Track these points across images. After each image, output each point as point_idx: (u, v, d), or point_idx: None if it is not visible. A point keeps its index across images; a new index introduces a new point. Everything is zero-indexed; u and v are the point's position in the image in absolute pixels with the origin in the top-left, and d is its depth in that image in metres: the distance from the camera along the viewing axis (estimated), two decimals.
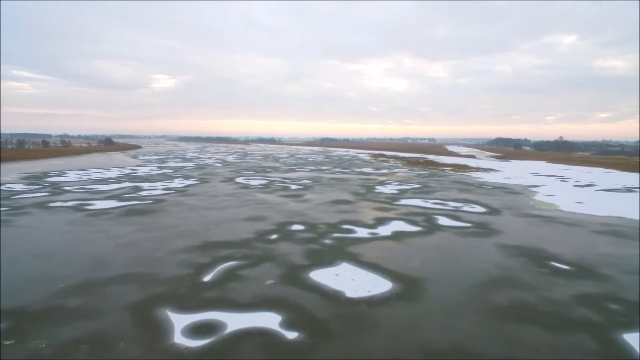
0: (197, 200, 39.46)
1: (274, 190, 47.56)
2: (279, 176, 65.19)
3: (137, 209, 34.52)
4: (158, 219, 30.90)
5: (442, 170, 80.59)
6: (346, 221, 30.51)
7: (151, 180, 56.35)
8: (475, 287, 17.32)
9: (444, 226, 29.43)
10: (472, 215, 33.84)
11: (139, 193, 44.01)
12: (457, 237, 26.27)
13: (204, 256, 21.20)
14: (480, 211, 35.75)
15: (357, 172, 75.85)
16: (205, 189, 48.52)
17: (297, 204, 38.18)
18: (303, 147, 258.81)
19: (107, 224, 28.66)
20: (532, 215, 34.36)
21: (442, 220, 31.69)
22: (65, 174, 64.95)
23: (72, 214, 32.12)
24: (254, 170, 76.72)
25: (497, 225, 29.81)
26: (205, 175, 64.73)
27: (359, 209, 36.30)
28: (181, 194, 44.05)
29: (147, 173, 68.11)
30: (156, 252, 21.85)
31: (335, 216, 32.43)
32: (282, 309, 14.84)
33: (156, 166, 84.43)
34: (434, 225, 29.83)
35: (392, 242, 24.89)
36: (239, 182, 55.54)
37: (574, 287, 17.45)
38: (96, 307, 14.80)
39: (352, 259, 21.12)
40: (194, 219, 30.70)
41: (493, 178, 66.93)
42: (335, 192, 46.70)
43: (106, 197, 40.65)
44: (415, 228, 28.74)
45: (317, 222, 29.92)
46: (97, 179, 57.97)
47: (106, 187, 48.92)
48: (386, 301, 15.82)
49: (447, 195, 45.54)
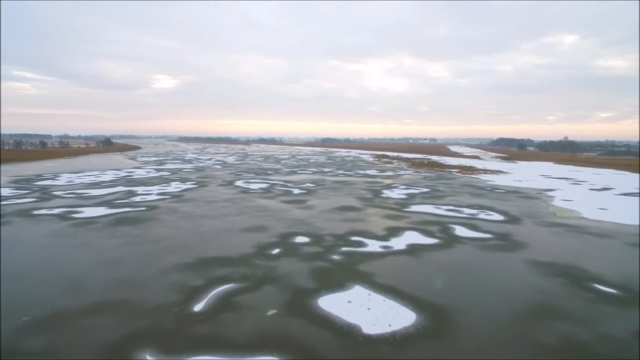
0: (193, 207, 36.85)
1: (275, 195, 44.94)
2: (281, 179, 62.58)
3: (128, 218, 31.91)
4: (149, 229, 28.28)
5: (449, 173, 77.88)
6: (355, 231, 27.87)
7: (147, 184, 53.75)
8: (514, 320, 14.65)
9: (463, 238, 26.77)
10: (490, 224, 31.18)
11: (132, 199, 41.41)
12: (479, 252, 23.60)
13: (196, 277, 18.59)
14: (498, 219, 33.08)
15: (362, 174, 73.20)
16: (203, 193, 45.91)
17: (300, 211, 35.56)
18: (304, 148, 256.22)
19: (92, 236, 26.05)
20: (556, 224, 31.66)
21: (459, 230, 29.04)
22: (58, 176, 62.39)
23: (56, 224, 29.53)
24: (254, 172, 74.11)
25: (520, 237, 27.15)
26: (203, 179, 62.14)
27: (367, 216, 33.65)
28: (177, 199, 41.44)
29: (144, 176, 65.52)
30: (143, 272, 19.23)
31: (342, 225, 29.79)
32: (286, 352, 12.22)
33: (154, 168, 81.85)
34: (451, 236, 27.18)
35: (408, 257, 22.25)
36: (239, 186, 52.92)
37: (631, 320, 14.77)
38: (59, 351, 12.16)
39: (366, 280, 18.48)
40: (189, 230, 28.09)
41: (503, 181, 64.22)
42: (340, 197, 44.06)
43: (96, 204, 38.05)
44: (432, 240, 26.10)
45: (323, 233, 27.29)
46: (91, 182, 55.39)
47: (98, 191, 46.34)
48: (411, 339, 13.18)
49: (459, 200, 42.88)
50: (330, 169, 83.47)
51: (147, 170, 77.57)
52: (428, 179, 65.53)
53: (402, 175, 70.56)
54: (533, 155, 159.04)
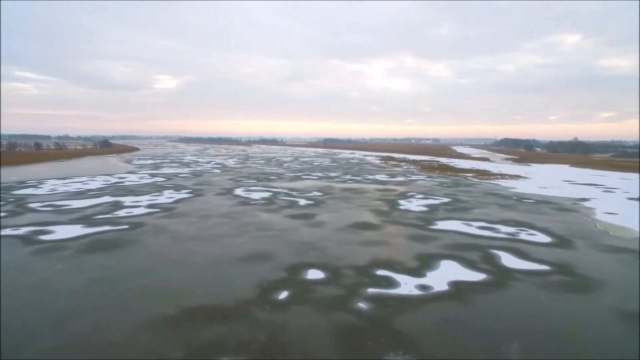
0: (185, 225, 31.66)
1: (279, 208, 39.74)
2: (284, 186, 57.36)
3: (105, 241, 26.76)
4: (126, 258, 23.10)
5: (464, 178, 72.53)
6: (379, 261, 22.65)
7: (137, 193, 48.60)
8: None
9: (515, 271, 21.51)
10: (539, 248, 25.93)
11: (116, 213, 36.25)
12: (546, 295, 18.34)
13: (173, 346, 13.40)
14: (545, 241, 27.83)
15: (371, 179, 67.91)
16: (198, 205, 40.74)
17: (309, 230, 30.38)
18: (306, 149, 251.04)
19: (52, 270, 20.88)
20: (617, 248, 26.38)
21: (505, 258, 23.80)
22: (41, 184, 57.30)
23: (14, 250, 24.40)
24: (255, 178, 68.89)
25: (585, 269, 21.88)
26: (200, 186, 56.97)
27: (389, 237, 28.44)
28: (167, 213, 36.28)
29: (135, 183, 60.35)
30: (99, 335, 14.04)
31: (362, 252, 24.59)
32: None
33: (148, 173, 76.71)
34: (499, 268, 21.94)
35: (457, 305, 17.02)
36: (238, 195, 47.72)
37: None
38: None
39: (408, 347, 13.28)
40: (175, 260, 22.89)
41: (526, 187, 58.85)
42: (353, 210, 38.85)
43: (73, 220, 32.92)
44: (477, 274, 20.87)
45: (341, 264, 22.08)
46: (75, 191, 50.27)
47: (81, 203, 41.22)
48: None
49: (488, 214, 37.61)
50: (337, 174, 78.20)
51: (141, 175, 72.44)
52: (444, 185, 60.21)
53: (415, 182, 65.25)
54: (544, 157, 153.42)
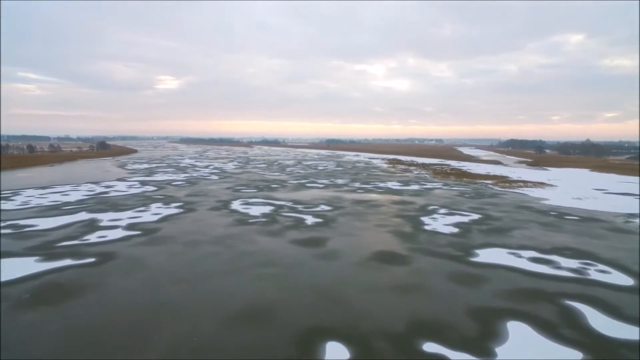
0: (165, 257, 25.46)
1: (282, 229, 33.52)
2: (288, 197, 51.11)
3: (58, 285, 20.59)
4: (76, 318, 16.86)
5: (485, 186, 66.10)
6: (422, 324, 16.41)
7: (119, 208, 42.45)
8: None
9: (614, 342, 15.21)
10: (624, 296, 19.66)
11: (86, 238, 30.08)
12: None
13: None
14: (627, 284, 21.54)
15: (383, 188, 61.57)
16: (187, 225, 34.55)
17: (321, 265, 24.17)
18: (309, 150, 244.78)
19: None
20: None
21: (590, 315, 17.53)
22: (16, 194, 51.20)
23: None
24: (255, 187, 62.63)
25: None
26: (193, 197, 50.78)
27: (425, 278, 22.17)
28: (147, 238, 30.11)
29: (122, 193, 54.16)
30: None
31: (394, 305, 18.35)
32: None
33: (139, 180, 70.58)
34: (591, 336, 15.65)
35: None
36: (235, 211, 41.52)
37: None
38: None
39: None
40: (140, 320, 16.65)
41: (558, 198, 52.45)
42: (371, 232, 32.61)
43: (29, 250, 26.78)
44: (566, 351, 14.60)
45: (369, 330, 15.83)
46: (50, 205, 44.17)
47: (49, 222, 35.09)
48: None
49: (532, 237, 31.33)
50: (344, 181, 71.85)
51: (131, 183, 66.32)
52: (466, 196, 53.82)
53: (433, 191, 58.86)
54: (559, 160, 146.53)
